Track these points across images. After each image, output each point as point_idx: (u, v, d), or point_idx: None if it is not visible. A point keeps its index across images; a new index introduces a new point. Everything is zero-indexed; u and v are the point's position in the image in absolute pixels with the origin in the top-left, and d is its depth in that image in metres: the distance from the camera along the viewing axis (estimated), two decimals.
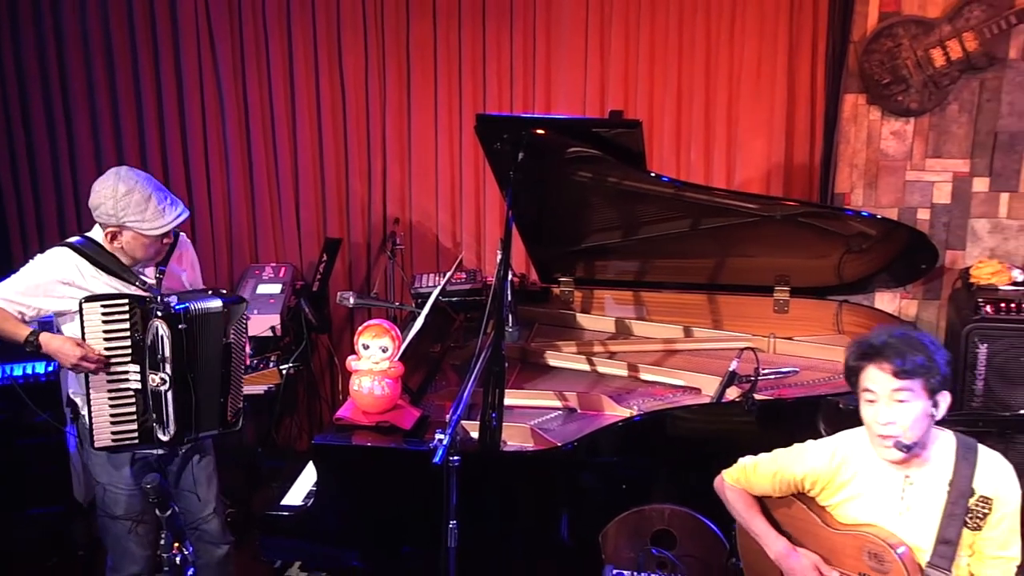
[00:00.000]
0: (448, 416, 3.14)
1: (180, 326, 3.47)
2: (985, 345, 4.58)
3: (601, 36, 5.16)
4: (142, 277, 3.55)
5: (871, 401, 2.93)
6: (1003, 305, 4.61)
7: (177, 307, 3.47)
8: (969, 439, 2.98)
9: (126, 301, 3.42)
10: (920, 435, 2.90)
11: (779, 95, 5.08)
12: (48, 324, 3.54)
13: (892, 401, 2.89)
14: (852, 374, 2.99)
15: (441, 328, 4.61)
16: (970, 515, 2.95)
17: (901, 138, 5.09)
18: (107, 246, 3.51)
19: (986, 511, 2.95)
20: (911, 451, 2.92)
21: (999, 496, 2.97)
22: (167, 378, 3.48)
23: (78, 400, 3.64)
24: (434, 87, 5.36)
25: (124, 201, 3.42)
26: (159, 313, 3.44)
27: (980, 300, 4.66)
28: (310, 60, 5.41)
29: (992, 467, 3.00)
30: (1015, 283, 4.77)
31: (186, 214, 3.55)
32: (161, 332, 3.44)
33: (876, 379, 2.90)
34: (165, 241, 3.55)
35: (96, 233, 3.55)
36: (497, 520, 3.53)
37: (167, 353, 3.46)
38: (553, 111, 5.24)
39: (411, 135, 5.46)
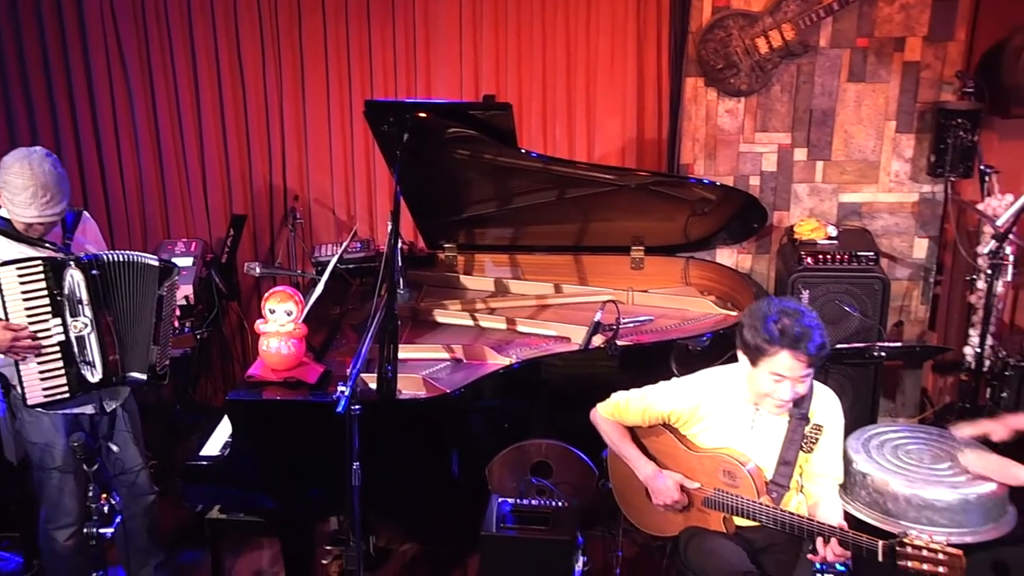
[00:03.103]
0: (348, 370, 3.09)
1: (93, 271, 3.35)
2: (807, 291, 4.70)
3: (474, 30, 5.08)
4: (51, 241, 3.40)
5: (777, 381, 2.90)
6: (821, 256, 4.74)
7: (87, 256, 3.37)
8: None
9: (39, 261, 3.29)
10: None
11: (630, 79, 5.08)
12: None
13: (798, 381, 2.91)
14: (758, 352, 2.88)
15: (339, 292, 4.54)
16: (805, 440, 3.03)
17: (734, 115, 5.15)
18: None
19: (818, 436, 3.04)
20: None
21: (827, 423, 3.06)
22: (88, 321, 3.37)
23: (6, 372, 3.46)
24: (326, 77, 5.21)
25: (6, 178, 3.26)
26: (71, 263, 3.32)
27: (802, 253, 4.78)
28: (211, 55, 5.17)
29: (823, 399, 3.09)
30: (830, 238, 4.90)
31: (54, 219, 3.34)
32: (76, 279, 3.33)
33: (789, 365, 2.86)
34: (35, 226, 3.34)
35: (3, 211, 3.37)
36: (396, 461, 3.49)
37: (84, 297, 3.35)
38: (434, 96, 5.15)
39: (307, 120, 5.30)
